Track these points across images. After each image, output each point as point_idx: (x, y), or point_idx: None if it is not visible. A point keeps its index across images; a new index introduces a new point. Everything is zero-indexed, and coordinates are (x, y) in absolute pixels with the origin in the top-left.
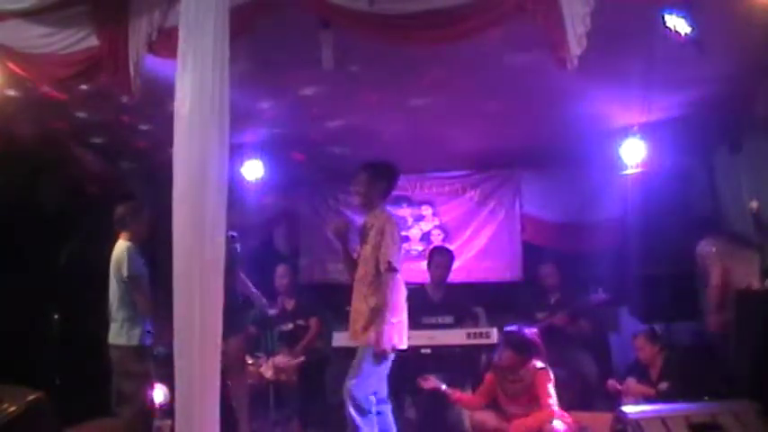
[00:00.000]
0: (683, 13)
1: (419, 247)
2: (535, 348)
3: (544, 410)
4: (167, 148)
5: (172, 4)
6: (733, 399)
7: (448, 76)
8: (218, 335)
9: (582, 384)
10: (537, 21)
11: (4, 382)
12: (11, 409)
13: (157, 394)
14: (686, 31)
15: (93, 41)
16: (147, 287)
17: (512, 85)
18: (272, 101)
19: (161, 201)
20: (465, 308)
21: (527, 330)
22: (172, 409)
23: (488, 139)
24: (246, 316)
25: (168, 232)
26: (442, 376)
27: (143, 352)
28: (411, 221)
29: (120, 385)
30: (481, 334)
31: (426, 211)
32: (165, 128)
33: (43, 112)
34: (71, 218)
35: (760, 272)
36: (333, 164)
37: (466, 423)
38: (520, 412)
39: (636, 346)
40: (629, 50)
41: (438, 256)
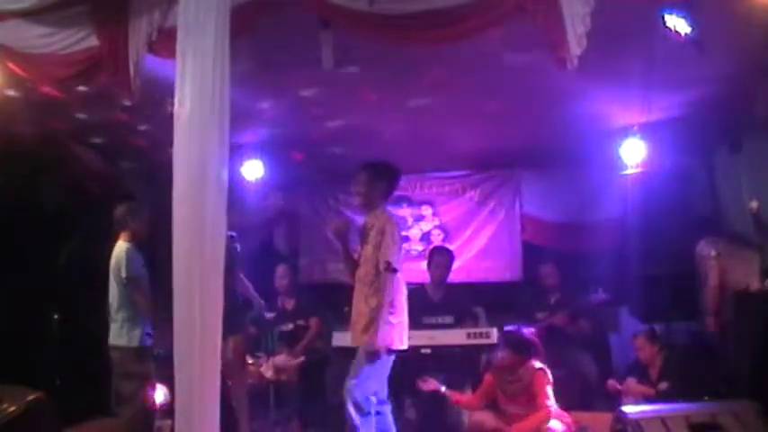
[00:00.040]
0: (683, 13)
1: (419, 247)
2: (534, 348)
3: (540, 412)
4: (167, 147)
5: (172, 4)
6: (733, 399)
7: (448, 76)
8: (218, 335)
9: (582, 384)
10: (537, 21)
11: (4, 382)
12: (11, 409)
13: (158, 394)
14: (686, 31)
15: (93, 41)
16: (146, 288)
17: (512, 85)
18: (272, 100)
19: (161, 201)
20: (465, 308)
21: (526, 330)
22: (172, 409)
23: (488, 139)
24: (246, 317)
25: (168, 232)
26: (442, 376)
27: (143, 353)
28: (411, 221)
29: (121, 386)
30: (481, 334)
31: (426, 211)
32: (165, 128)
33: (43, 112)
34: (71, 218)
35: (760, 272)
36: (333, 164)
37: (466, 424)
38: (518, 412)
39: (636, 346)
40: (629, 50)
41: (438, 256)
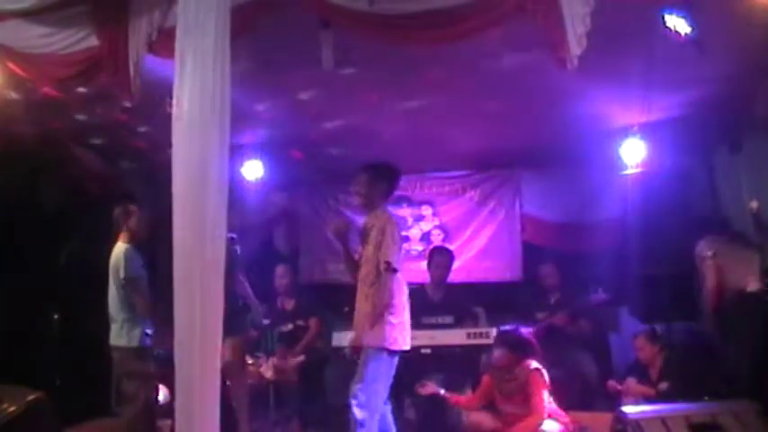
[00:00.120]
0: (683, 13)
1: (419, 247)
2: (530, 348)
3: (533, 415)
4: (167, 148)
5: (172, 4)
6: (733, 399)
7: (448, 76)
8: (219, 335)
9: (582, 384)
10: (537, 21)
11: (4, 382)
12: (11, 409)
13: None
14: (686, 31)
15: (93, 41)
16: (145, 288)
17: (512, 85)
18: (272, 100)
19: (161, 201)
20: (465, 308)
21: (522, 329)
22: (172, 409)
23: (488, 139)
24: (246, 318)
25: (168, 233)
26: (442, 376)
27: (143, 353)
28: (411, 221)
29: (122, 386)
30: (481, 334)
31: (426, 211)
32: (165, 128)
33: (43, 112)
34: (71, 218)
35: (760, 272)
36: (333, 164)
37: (464, 424)
38: (515, 412)
39: (636, 346)
40: (629, 50)
41: (438, 256)
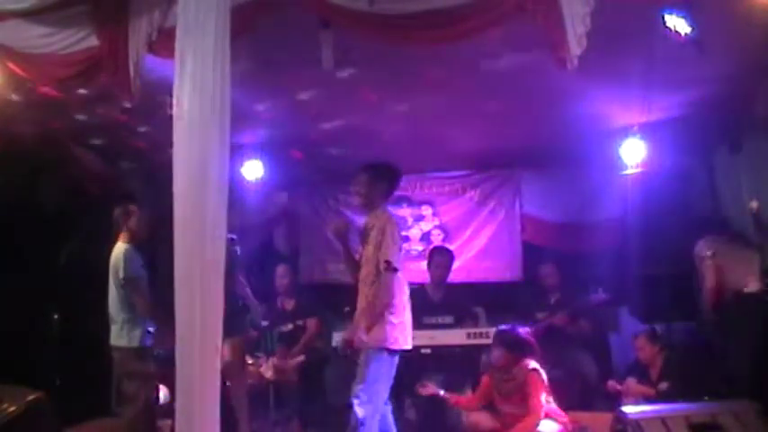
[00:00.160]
0: (683, 13)
1: (419, 247)
2: (528, 347)
3: (531, 415)
4: (167, 148)
5: (172, 4)
6: (733, 399)
7: (448, 76)
8: (219, 335)
9: (582, 384)
10: (537, 21)
11: (4, 382)
12: (11, 409)
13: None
14: (686, 31)
15: (93, 41)
16: (145, 289)
17: (512, 85)
18: (272, 100)
19: (161, 201)
20: (465, 308)
21: (520, 329)
22: (172, 409)
23: (488, 139)
24: (245, 318)
25: (168, 233)
26: (442, 376)
27: (144, 353)
28: (411, 221)
29: (122, 386)
30: (481, 334)
31: (426, 211)
32: (165, 129)
33: (43, 112)
34: (71, 218)
35: (760, 272)
36: (333, 164)
37: (463, 424)
38: (513, 411)
39: (636, 346)
40: (629, 50)
41: (438, 256)
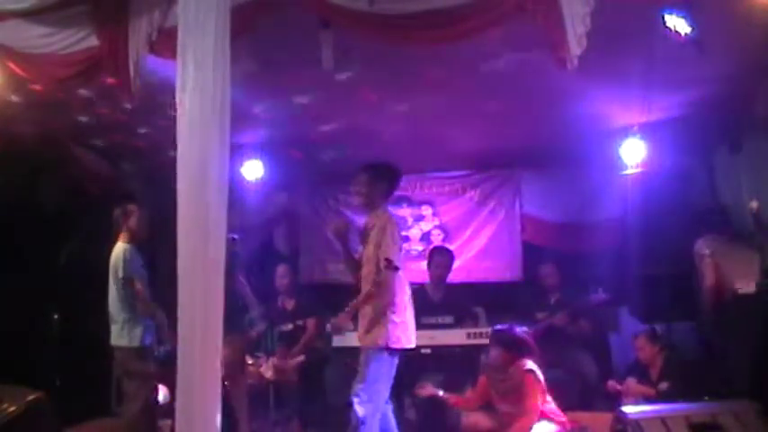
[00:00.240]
0: (683, 13)
1: (419, 247)
2: (526, 347)
3: (525, 416)
4: (167, 149)
5: (172, 4)
6: (733, 399)
7: (448, 76)
8: (220, 335)
9: (582, 384)
10: (537, 21)
11: (4, 382)
12: (11, 409)
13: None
14: (686, 31)
15: (93, 41)
16: (145, 288)
17: (512, 85)
18: (272, 100)
19: (161, 201)
20: (465, 308)
21: (517, 329)
22: (172, 409)
23: (488, 139)
24: (244, 317)
25: (167, 233)
26: (441, 376)
27: (144, 353)
28: (411, 221)
29: (123, 385)
30: (481, 334)
31: (426, 211)
32: (165, 129)
33: (43, 112)
34: (71, 218)
35: (760, 272)
36: (333, 164)
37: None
38: (510, 411)
39: (636, 346)
40: (629, 50)
41: (438, 256)
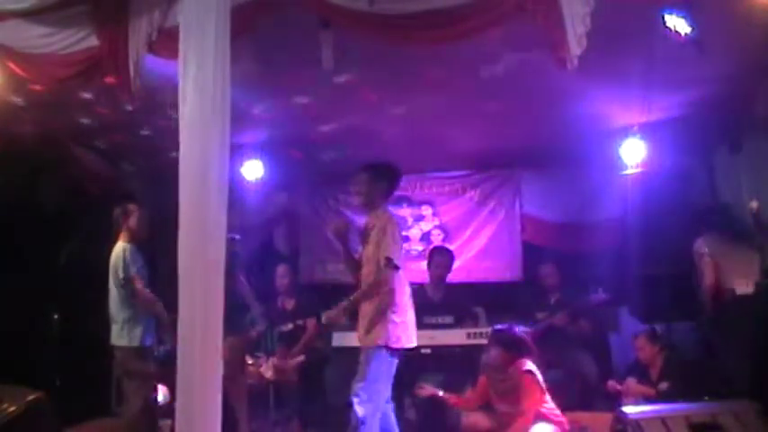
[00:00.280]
0: (683, 13)
1: (419, 247)
2: (525, 346)
3: (522, 417)
4: (167, 149)
5: (172, 4)
6: (733, 399)
7: (448, 76)
8: (220, 335)
9: (582, 384)
10: (537, 21)
11: (4, 382)
12: (11, 409)
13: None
14: (686, 31)
15: (93, 41)
16: (145, 286)
17: (512, 85)
18: (272, 100)
19: (161, 201)
20: (465, 308)
21: (517, 328)
22: (172, 409)
23: (488, 139)
24: (245, 317)
25: (167, 233)
26: (441, 376)
27: (144, 352)
28: (411, 221)
29: (123, 385)
30: (481, 334)
31: (426, 211)
32: (165, 129)
33: (44, 112)
34: (71, 218)
35: (760, 272)
36: (333, 164)
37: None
38: (509, 411)
39: (636, 346)
40: (629, 50)
41: (438, 256)
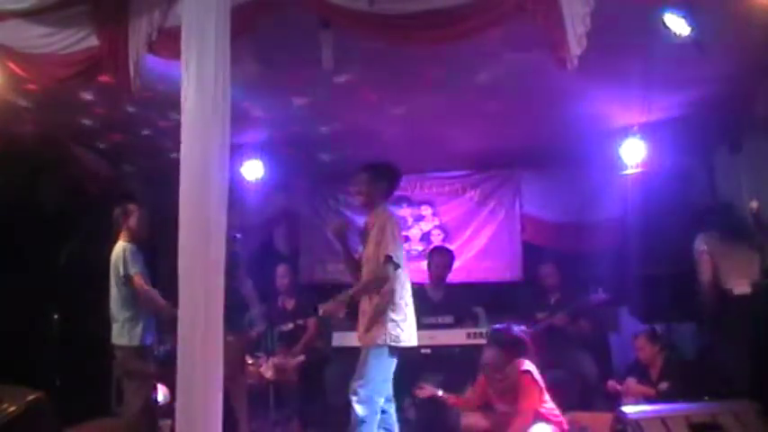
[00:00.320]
0: (683, 13)
1: (419, 247)
2: (523, 346)
3: (519, 418)
4: (167, 149)
5: (172, 4)
6: (733, 399)
7: (448, 76)
8: (220, 335)
9: (582, 384)
10: (537, 21)
11: (4, 382)
12: (11, 409)
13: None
14: (686, 31)
15: (93, 41)
16: (147, 285)
17: (512, 85)
18: (273, 101)
19: (161, 201)
20: (465, 308)
21: (515, 328)
22: (172, 409)
23: (488, 139)
24: (244, 315)
25: (167, 233)
26: (441, 376)
27: (144, 352)
28: (411, 221)
29: (123, 385)
30: (481, 334)
31: (426, 211)
32: (165, 129)
33: (44, 112)
34: (71, 218)
35: (760, 272)
36: (333, 164)
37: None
38: (508, 410)
39: (636, 346)
40: (629, 50)
41: (438, 256)
